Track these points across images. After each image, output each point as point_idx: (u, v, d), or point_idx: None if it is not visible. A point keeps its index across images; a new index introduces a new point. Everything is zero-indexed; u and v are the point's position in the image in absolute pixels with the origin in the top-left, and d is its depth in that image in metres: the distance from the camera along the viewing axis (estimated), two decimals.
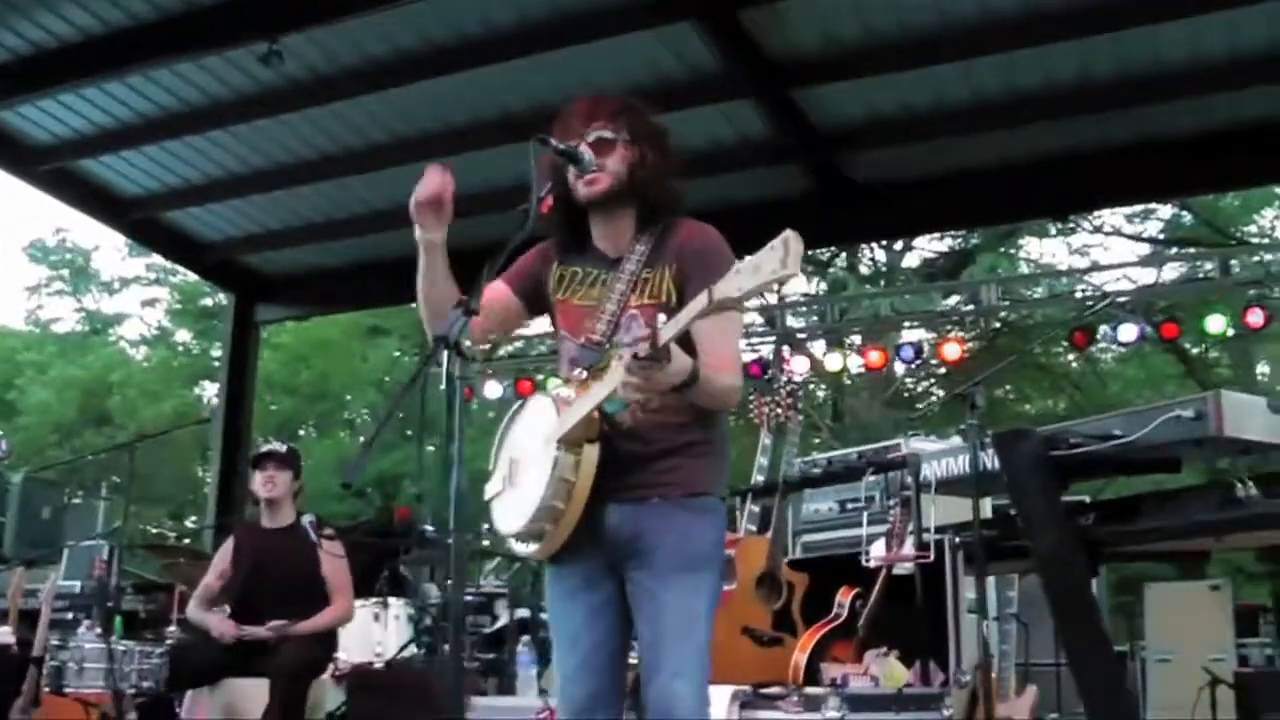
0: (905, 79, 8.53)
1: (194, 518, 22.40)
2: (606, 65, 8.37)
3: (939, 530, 5.44)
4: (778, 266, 2.64)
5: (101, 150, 9.90)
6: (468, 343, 3.08)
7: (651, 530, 3.26)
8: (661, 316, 2.94)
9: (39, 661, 6.48)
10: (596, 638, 3.39)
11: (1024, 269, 21.82)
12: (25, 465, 16.48)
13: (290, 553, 6.17)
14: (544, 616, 8.01)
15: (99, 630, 5.44)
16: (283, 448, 6.51)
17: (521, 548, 3.39)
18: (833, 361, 12.90)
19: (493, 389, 13.45)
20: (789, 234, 2.65)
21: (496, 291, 3.56)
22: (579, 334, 3.40)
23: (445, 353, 3.01)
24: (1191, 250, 20.49)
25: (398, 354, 25.59)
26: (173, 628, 5.92)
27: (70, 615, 7.80)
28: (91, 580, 8.59)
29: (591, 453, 3.20)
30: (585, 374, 3.28)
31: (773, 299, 12.70)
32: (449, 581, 8.88)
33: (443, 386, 3.13)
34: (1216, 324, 11.55)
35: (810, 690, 4.85)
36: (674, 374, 2.97)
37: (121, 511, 7.40)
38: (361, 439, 24.39)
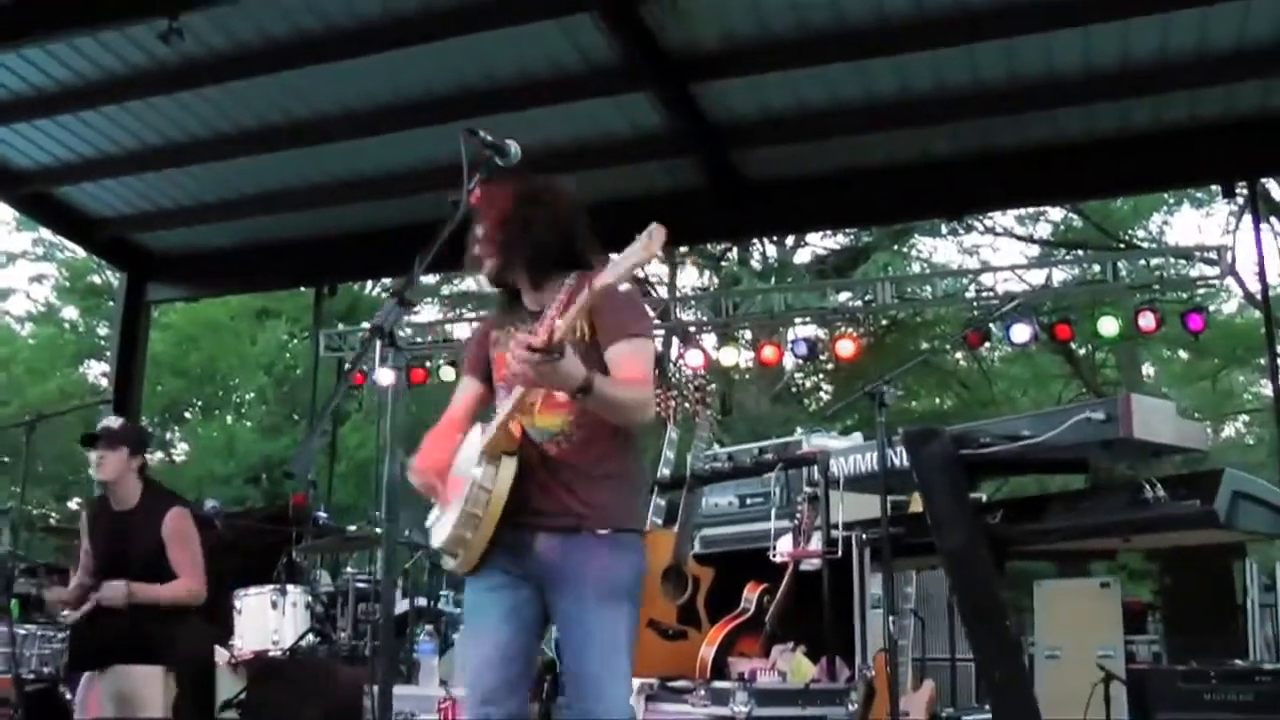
0: (801, 77, 8.62)
1: (77, 499, 21.89)
2: (507, 54, 8.39)
3: (846, 527, 5.47)
4: (640, 250, 2.89)
5: None
6: (401, 332, 3.10)
7: (578, 562, 3.43)
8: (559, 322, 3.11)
9: None
10: (512, 630, 3.52)
11: (916, 268, 22.06)
12: None
13: (138, 535, 5.91)
14: (442, 606, 7.98)
15: None
16: (115, 424, 6.17)
17: (450, 562, 3.54)
18: (727, 356, 12.95)
19: (385, 375, 13.29)
20: (654, 226, 2.88)
21: (466, 390, 3.82)
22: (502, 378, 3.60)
23: (378, 342, 3.07)
24: (1080, 253, 20.92)
25: (286, 337, 25.20)
26: (67, 612, 5.75)
27: None
28: None
29: (509, 464, 3.38)
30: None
31: (664, 292, 12.72)
32: (347, 569, 8.80)
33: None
34: (1109, 326, 11.79)
35: (718, 684, 4.87)
36: (566, 373, 3.14)
37: (18, 493, 7.20)
38: (304, 432, 24.03)
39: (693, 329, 13.68)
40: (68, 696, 5.74)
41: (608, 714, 3.38)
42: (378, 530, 8.97)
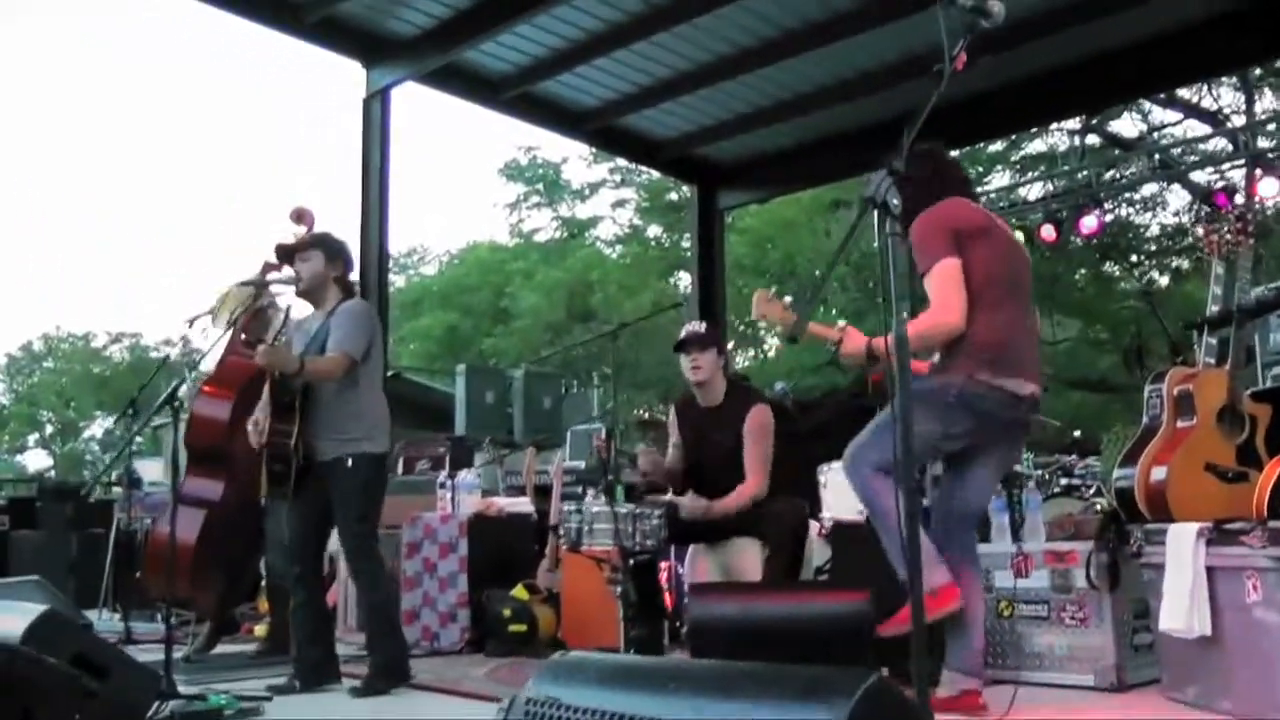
0: None
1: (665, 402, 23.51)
2: None
3: None
4: None
5: (557, 70, 10.54)
6: (894, 201, 3.27)
7: None
8: None
9: (556, 529, 7.33)
10: None
11: None
12: (524, 362, 17.83)
13: (720, 429, 6.43)
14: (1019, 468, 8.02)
15: (603, 498, 5.97)
16: (700, 327, 6.65)
17: None
18: None
19: None
20: None
21: None
22: None
23: (875, 212, 3.32)
24: None
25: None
26: (667, 495, 6.41)
27: (578, 489, 8.55)
28: (593, 458, 9.33)
29: None
30: None
31: (1240, 120, 11.92)
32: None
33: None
34: None
35: (1274, 524, 4.70)
36: None
37: (612, 396, 8.02)
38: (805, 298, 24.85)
39: (1271, 155, 12.77)
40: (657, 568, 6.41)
41: None
42: None
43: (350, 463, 5.54)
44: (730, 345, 7.08)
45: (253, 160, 63.87)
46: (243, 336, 6.71)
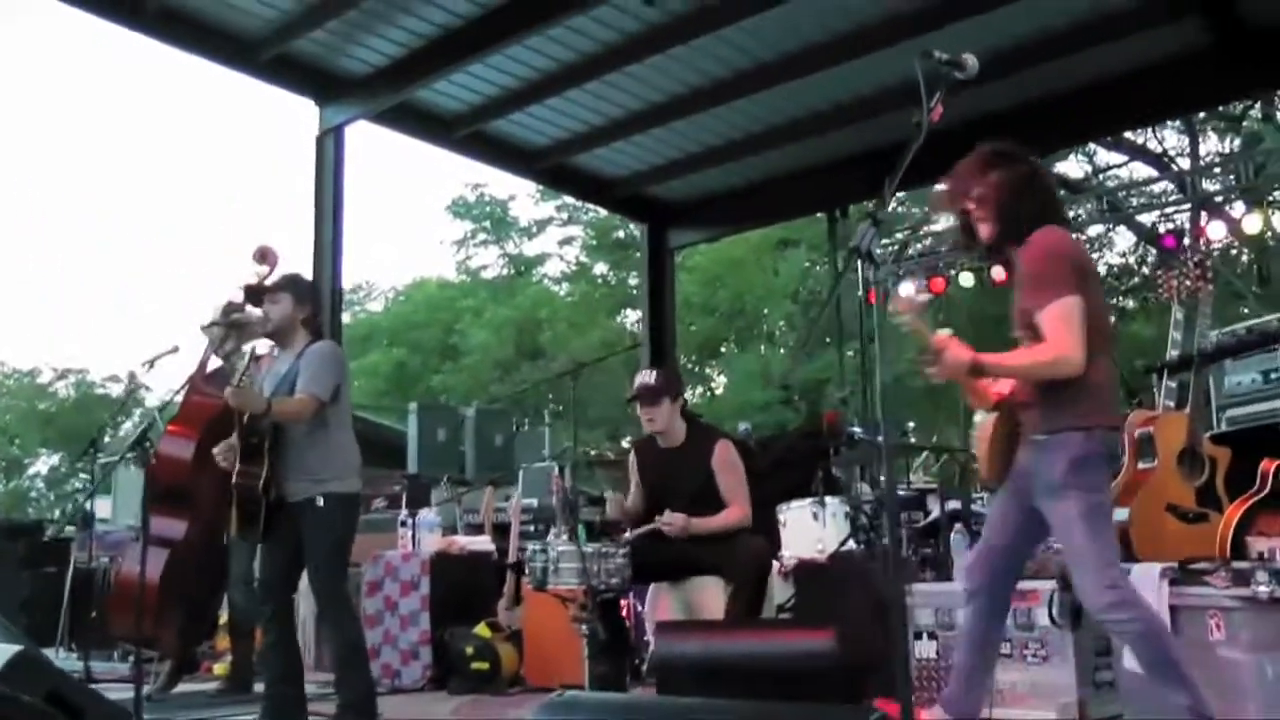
0: None
1: (628, 438, 23.53)
2: None
3: None
4: None
5: (509, 109, 10.59)
6: (877, 250, 3.42)
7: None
8: None
9: (516, 567, 7.42)
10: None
11: None
12: (474, 400, 17.85)
13: (685, 469, 6.44)
14: (975, 507, 8.18)
15: (565, 537, 6.00)
16: (651, 378, 6.62)
17: None
18: (1251, 223, 12.15)
19: (905, 289, 13.48)
20: None
21: None
22: None
23: (859, 261, 3.40)
24: None
25: (808, 264, 25.87)
26: (627, 534, 6.45)
27: (533, 527, 8.59)
28: (548, 496, 9.38)
29: None
30: None
31: (1185, 164, 12.18)
32: (881, 479, 9.17)
33: (859, 293, 3.52)
34: None
35: (1238, 565, 4.85)
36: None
37: (565, 434, 8.11)
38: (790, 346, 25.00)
39: (1218, 198, 13.02)
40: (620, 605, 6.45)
41: (1078, 583, 4.03)
42: (911, 440, 9.29)
43: (321, 502, 5.55)
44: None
45: (203, 195, 63.17)
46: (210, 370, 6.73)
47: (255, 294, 5.86)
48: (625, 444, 10.74)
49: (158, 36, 9.23)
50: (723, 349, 27.82)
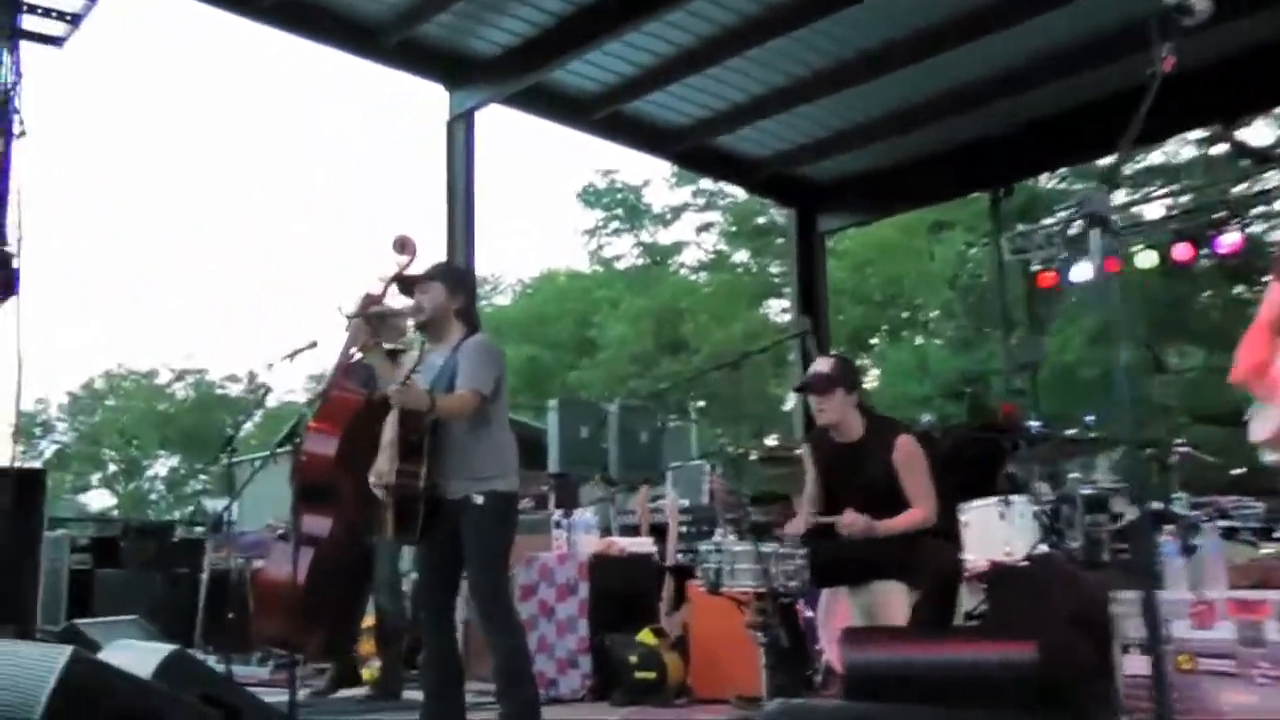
0: None
1: (774, 435, 23.03)
2: None
3: None
4: None
5: (646, 89, 10.28)
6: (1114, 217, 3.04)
7: None
8: None
9: (677, 570, 7.22)
10: None
11: None
12: (614, 394, 17.58)
13: (864, 465, 5.97)
14: (1176, 508, 7.53)
15: (733, 537, 5.61)
16: (825, 367, 6.16)
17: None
18: None
19: (1080, 271, 12.58)
20: None
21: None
22: None
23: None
24: None
25: (964, 246, 24.74)
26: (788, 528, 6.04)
27: (694, 529, 8.22)
28: (701, 495, 9.00)
29: None
30: None
31: None
32: (1071, 476, 8.58)
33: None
34: None
35: None
36: None
37: (709, 431, 7.74)
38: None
39: None
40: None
41: None
42: (1092, 435, 8.68)
43: (481, 500, 5.25)
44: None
45: (328, 188, 63.87)
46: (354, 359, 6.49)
47: (405, 284, 5.58)
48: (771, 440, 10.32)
49: (282, 26, 9.15)
50: (874, 339, 26.97)
